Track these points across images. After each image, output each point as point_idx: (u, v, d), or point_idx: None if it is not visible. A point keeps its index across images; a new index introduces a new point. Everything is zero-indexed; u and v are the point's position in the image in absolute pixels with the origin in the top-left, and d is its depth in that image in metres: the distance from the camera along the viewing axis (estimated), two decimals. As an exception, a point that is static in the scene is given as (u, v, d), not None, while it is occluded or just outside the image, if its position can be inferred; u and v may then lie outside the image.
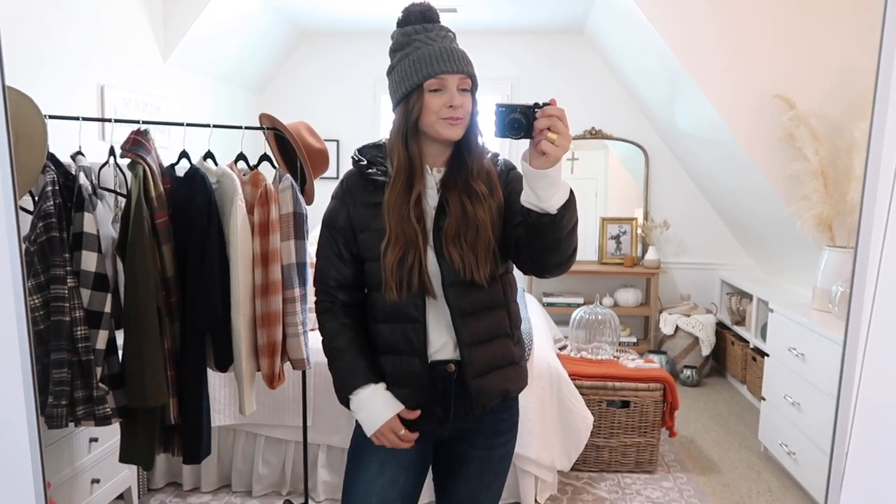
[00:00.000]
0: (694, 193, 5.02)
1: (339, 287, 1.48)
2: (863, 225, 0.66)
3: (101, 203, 2.03)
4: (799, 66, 3.22)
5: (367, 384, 1.42)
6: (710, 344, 4.50)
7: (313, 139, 2.42)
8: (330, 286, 1.48)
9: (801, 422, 2.86)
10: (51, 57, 2.93)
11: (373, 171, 1.44)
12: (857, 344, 0.70)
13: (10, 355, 0.68)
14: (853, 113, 3.11)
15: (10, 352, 0.68)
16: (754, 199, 3.92)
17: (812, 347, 2.80)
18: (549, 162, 1.18)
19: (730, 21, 3.29)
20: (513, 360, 1.49)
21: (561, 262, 1.34)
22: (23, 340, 0.67)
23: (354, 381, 1.43)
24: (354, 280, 1.48)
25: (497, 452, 1.53)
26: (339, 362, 1.46)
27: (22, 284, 0.66)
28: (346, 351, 1.45)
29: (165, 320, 2.04)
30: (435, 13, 1.41)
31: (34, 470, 0.69)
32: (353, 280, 1.48)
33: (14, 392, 0.69)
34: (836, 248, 3.06)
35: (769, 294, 3.88)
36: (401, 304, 1.39)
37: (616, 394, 3.08)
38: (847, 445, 0.76)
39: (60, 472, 2.23)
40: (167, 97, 3.90)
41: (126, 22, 3.51)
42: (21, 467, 0.70)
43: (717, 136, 3.71)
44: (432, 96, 1.34)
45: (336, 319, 1.48)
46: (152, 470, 2.83)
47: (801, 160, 3.20)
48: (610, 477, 3.08)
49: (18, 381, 0.69)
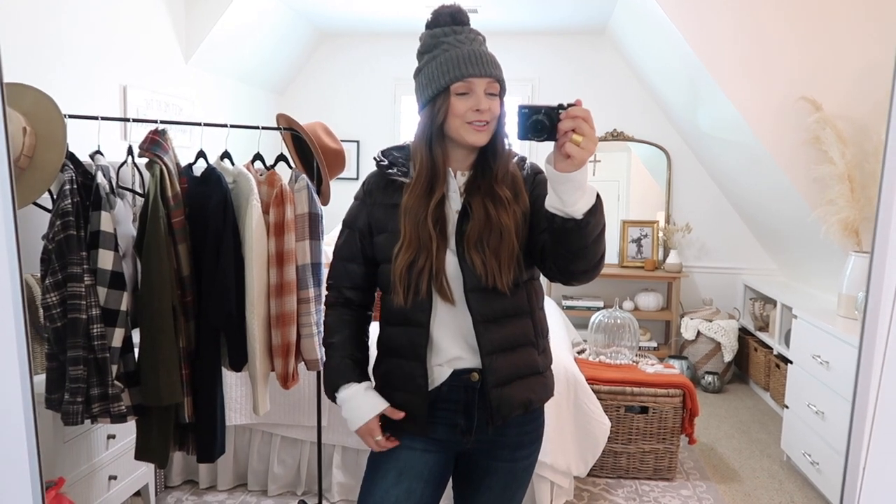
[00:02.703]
0: (716, 196, 4.95)
1: (351, 287, 1.49)
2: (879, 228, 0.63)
3: (121, 202, 2.05)
4: (823, 66, 3.16)
5: (350, 383, 1.43)
6: (733, 350, 4.43)
7: (330, 140, 2.42)
8: (342, 284, 1.49)
9: (824, 431, 2.79)
10: (74, 57, 2.97)
11: (393, 172, 1.43)
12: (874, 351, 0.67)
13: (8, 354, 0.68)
14: (879, 114, 3.04)
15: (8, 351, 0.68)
16: (778, 202, 3.85)
17: (837, 355, 2.73)
18: (574, 165, 1.14)
19: (752, 21, 3.24)
20: (537, 370, 1.45)
21: (587, 268, 1.30)
22: (20, 340, 0.67)
23: (339, 380, 1.44)
24: (365, 282, 1.49)
25: (521, 465, 1.50)
26: (329, 359, 1.47)
27: (19, 280, 0.66)
28: (339, 348, 1.46)
29: (181, 319, 2.05)
30: (465, 15, 1.39)
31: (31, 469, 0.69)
32: (364, 281, 1.49)
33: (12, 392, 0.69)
34: (862, 253, 2.99)
35: (793, 300, 3.80)
36: (407, 308, 1.37)
37: (635, 399, 3.04)
38: (864, 457, 0.73)
39: (78, 469, 2.25)
40: (189, 98, 3.94)
41: (148, 23, 3.55)
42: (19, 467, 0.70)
43: (739, 137, 3.65)
44: (459, 100, 1.32)
45: (337, 315, 1.49)
46: (169, 467, 2.85)
47: (826, 163, 3.14)
48: (627, 484, 3.04)
49: (16, 381, 0.69)
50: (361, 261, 1.47)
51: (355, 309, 1.51)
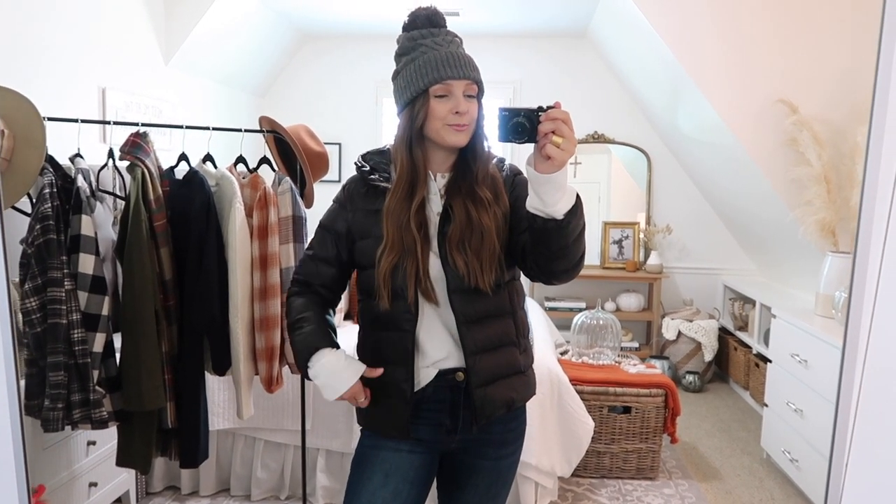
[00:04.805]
0: (697, 198, 5.01)
1: (321, 285, 1.49)
2: (862, 230, 0.64)
3: (101, 205, 2.02)
4: (801, 69, 3.21)
5: (329, 348, 1.41)
6: (713, 349, 4.48)
7: (313, 142, 2.41)
8: (312, 281, 1.49)
9: (803, 429, 2.84)
10: (51, 59, 2.93)
11: (375, 178, 1.43)
12: (857, 351, 0.69)
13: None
14: (856, 117, 3.09)
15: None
16: (757, 203, 3.91)
17: (815, 353, 2.78)
18: (555, 166, 1.15)
19: (732, 25, 3.28)
20: (519, 370, 1.47)
21: (568, 268, 1.31)
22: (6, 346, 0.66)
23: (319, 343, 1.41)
24: (335, 284, 1.50)
25: (505, 462, 1.51)
26: (299, 333, 1.43)
27: (6, 286, 0.65)
28: (308, 321, 1.43)
29: (163, 323, 2.04)
30: (441, 18, 1.39)
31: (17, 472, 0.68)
32: (334, 283, 1.50)
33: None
34: (839, 253, 3.04)
35: (772, 299, 3.85)
36: (392, 312, 1.37)
37: (617, 399, 3.06)
38: (846, 455, 0.74)
39: (58, 476, 2.22)
40: (168, 100, 3.90)
41: (127, 24, 3.51)
42: (4, 474, 0.69)
43: (719, 139, 3.70)
44: (438, 102, 1.32)
45: (303, 297, 1.48)
46: (150, 473, 2.82)
47: (803, 165, 3.19)
48: (611, 483, 3.06)
49: (2, 387, 0.68)
50: (335, 264, 1.47)
51: (322, 301, 1.50)
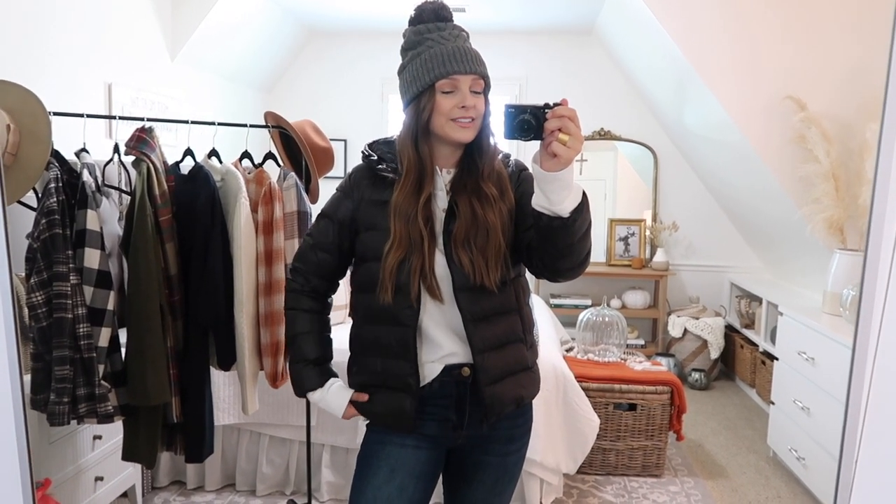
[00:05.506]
0: (703, 195, 4.98)
1: (319, 275, 1.50)
2: (873, 227, 0.63)
3: (107, 200, 2.02)
4: (809, 66, 3.19)
5: (317, 388, 1.48)
6: (719, 347, 4.46)
7: (318, 138, 2.41)
8: (308, 270, 1.50)
9: (810, 427, 2.82)
10: (59, 55, 2.93)
11: (383, 168, 1.42)
12: (867, 349, 0.68)
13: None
14: (864, 114, 3.07)
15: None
16: (764, 201, 3.88)
17: (822, 351, 2.76)
18: (561, 164, 1.14)
19: (739, 21, 3.26)
20: (526, 366, 1.46)
21: (573, 266, 1.31)
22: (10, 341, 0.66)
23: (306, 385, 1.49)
24: (333, 272, 1.51)
25: (511, 459, 1.51)
26: (293, 360, 1.51)
27: (9, 281, 0.65)
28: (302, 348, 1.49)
29: (168, 318, 2.04)
30: (448, 12, 1.38)
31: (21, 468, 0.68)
32: (331, 272, 1.51)
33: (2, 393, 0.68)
34: (847, 251, 3.02)
35: (779, 297, 3.84)
36: (395, 307, 1.36)
37: (623, 396, 3.05)
38: (856, 453, 0.73)
39: (64, 470, 2.23)
40: (175, 96, 3.91)
41: (134, 20, 3.52)
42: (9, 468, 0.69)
43: (726, 136, 3.68)
44: (444, 97, 1.31)
45: (300, 305, 1.51)
46: (156, 468, 2.82)
47: (812, 162, 3.16)
48: (616, 480, 3.06)
49: (6, 381, 0.68)
50: (336, 253, 1.47)
51: (319, 299, 1.53)
